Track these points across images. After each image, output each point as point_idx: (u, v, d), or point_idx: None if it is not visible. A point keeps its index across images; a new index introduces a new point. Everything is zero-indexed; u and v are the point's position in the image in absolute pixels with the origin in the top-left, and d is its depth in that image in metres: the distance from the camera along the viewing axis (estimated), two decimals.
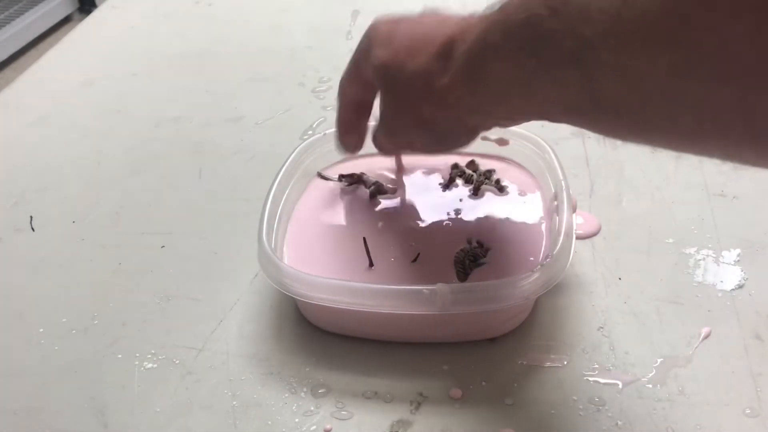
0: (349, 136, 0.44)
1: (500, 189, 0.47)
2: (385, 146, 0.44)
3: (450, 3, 0.39)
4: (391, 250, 0.44)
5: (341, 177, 0.49)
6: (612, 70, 0.26)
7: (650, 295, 0.44)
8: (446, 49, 0.34)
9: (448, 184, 0.48)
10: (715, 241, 0.47)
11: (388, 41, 0.37)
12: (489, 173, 0.48)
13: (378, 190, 0.48)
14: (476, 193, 0.47)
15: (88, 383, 0.41)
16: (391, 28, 0.38)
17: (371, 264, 0.42)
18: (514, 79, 0.31)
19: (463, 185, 0.48)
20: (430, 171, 0.49)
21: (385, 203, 0.47)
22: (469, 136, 0.38)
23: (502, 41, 0.30)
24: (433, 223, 0.45)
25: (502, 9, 0.30)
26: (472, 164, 0.49)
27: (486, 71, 0.32)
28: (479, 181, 0.48)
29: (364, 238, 0.43)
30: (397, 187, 0.48)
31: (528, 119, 0.36)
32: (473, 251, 0.42)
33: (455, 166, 0.49)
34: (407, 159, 0.50)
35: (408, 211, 0.47)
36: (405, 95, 0.37)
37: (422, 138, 0.39)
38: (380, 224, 0.46)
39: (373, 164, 0.50)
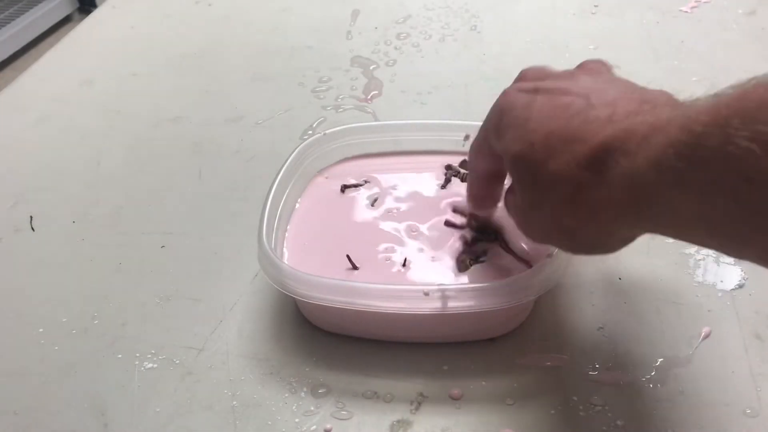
0: (484, 205, 0.41)
1: None
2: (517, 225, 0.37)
3: (449, 2, 0.39)
4: (392, 250, 0.44)
5: (344, 187, 0.48)
6: None
7: (650, 295, 0.44)
8: (599, 159, 0.28)
9: (445, 185, 0.48)
10: None
11: (523, 126, 0.31)
12: None
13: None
14: None
15: (88, 383, 0.41)
16: (526, 106, 0.32)
17: (354, 267, 0.42)
18: (699, 215, 0.25)
19: (460, 184, 0.48)
20: (423, 171, 0.49)
21: (386, 205, 0.47)
22: (623, 243, 0.32)
23: (687, 170, 0.24)
24: (435, 223, 0.45)
25: (684, 125, 0.24)
26: (465, 163, 0.49)
27: (659, 200, 0.26)
28: None
29: (348, 255, 0.42)
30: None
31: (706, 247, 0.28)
32: (475, 251, 0.43)
33: (449, 166, 0.49)
34: (386, 161, 0.50)
35: (409, 211, 0.47)
36: (543, 198, 0.31)
37: (563, 242, 0.33)
38: (381, 225, 0.46)
39: (376, 166, 0.50)
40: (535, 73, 0.36)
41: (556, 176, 0.30)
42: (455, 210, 0.46)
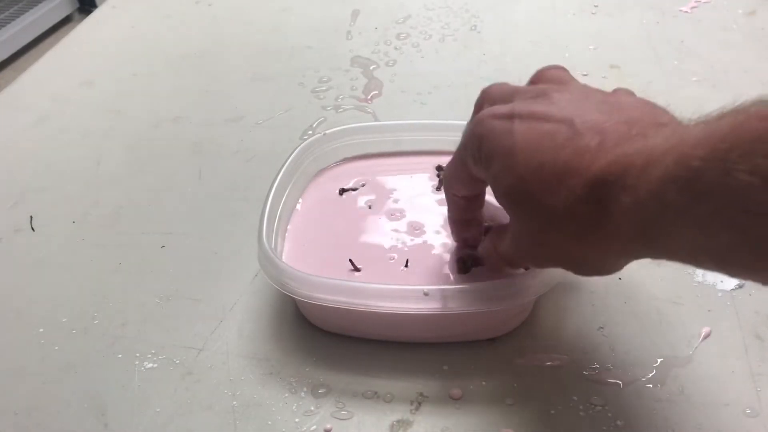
0: (466, 232, 0.41)
1: None
2: (510, 261, 0.37)
3: (449, 2, 0.39)
4: (392, 250, 0.44)
5: (342, 190, 0.48)
6: None
7: (650, 295, 0.44)
8: (596, 193, 0.28)
9: (439, 186, 0.48)
10: None
11: (509, 157, 0.30)
12: None
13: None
14: None
15: (88, 383, 0.41)
16: (506, 133, 0.31)
17: (356, 269, 0.42)
18: (703, 247, 0.25)
19: None
20: (423, 171, 0.49)
21: (386, 205, 0.47)
22: (625, 265, 0.32)
23: (689, 204, 0.24)
24: (435, 223, 0.45)
25: (681, 160, 0.24)
26: None
27: (664, 232, 0.26)
28: None
29: (351, 260, 0.43)
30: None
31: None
32: (474, 254, 0.43)
33: (440, 167, 0.49)
34: (386, 161, 0.50)
35: (410, 211, 0.46)
36: (546, 231, 0.31)
37: (570, 269, 0.33)
38: (381, 224, 0.46)
39: (376, 166, 0.50)
40: (500, 91, 0.35)
41: (557, 212, 0.29)
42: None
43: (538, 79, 0.35)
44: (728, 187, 0.22)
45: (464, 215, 0.40)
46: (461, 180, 0.37)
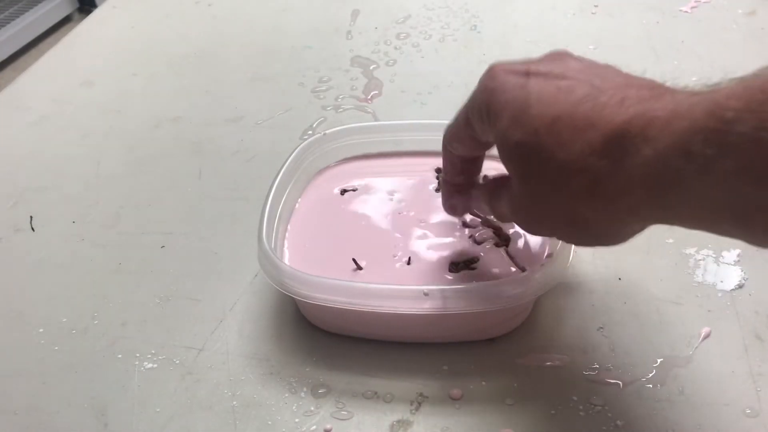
0: (455, 197, 0.39)
1: None
2: (507, 219, 0.36)
3: (449, 2, 0.39)
4: (391, 250, 0.44)
5: (342, 191, 0.48)
6: None
7: (650, 295, 0.44)
8: (617, 146, 0.26)
9: (438, 188, 0.48)
10: (715, 241, 0.47)
11: (523, 111, 0.29)
12: None
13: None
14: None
15: (88, 383, 0.41)
16: (520, 88, 0.30)
17: (359, 268, 0.42)
18: (725, 204, 0.24)
19: None
20: (423, 171, 0.49)
21: (386, 205, 0.47)
22: (633, 234, 0.30)
23: (716, 157, 0.23)
24: (436, 222, 0.45)
25: (712, 110, 0.23)
26: None
27: (684, 188, 0.25)
28: None
29: (354, 259, 0.43)
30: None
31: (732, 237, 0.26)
32: (471, 258, 0.42)
33: (438, 170, 0.49)
34: (386, 161, 0.50)
35: (410, 210, 0.47)
36: (554, 189, 0.29)
37: (571, 234, 0.32)
38: (383, 225, 0.46)
39: (376, 166, 0.50)
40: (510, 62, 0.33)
41: (569, 166, 0.28)
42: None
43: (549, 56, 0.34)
44: (762, 140, 0.22)
45: (457, 177, 0.38)
46: (461, 140, 0.35)
